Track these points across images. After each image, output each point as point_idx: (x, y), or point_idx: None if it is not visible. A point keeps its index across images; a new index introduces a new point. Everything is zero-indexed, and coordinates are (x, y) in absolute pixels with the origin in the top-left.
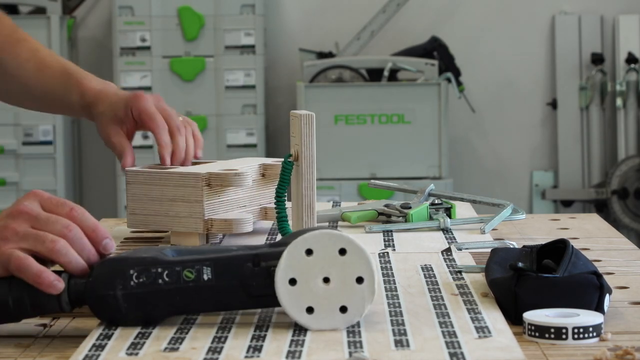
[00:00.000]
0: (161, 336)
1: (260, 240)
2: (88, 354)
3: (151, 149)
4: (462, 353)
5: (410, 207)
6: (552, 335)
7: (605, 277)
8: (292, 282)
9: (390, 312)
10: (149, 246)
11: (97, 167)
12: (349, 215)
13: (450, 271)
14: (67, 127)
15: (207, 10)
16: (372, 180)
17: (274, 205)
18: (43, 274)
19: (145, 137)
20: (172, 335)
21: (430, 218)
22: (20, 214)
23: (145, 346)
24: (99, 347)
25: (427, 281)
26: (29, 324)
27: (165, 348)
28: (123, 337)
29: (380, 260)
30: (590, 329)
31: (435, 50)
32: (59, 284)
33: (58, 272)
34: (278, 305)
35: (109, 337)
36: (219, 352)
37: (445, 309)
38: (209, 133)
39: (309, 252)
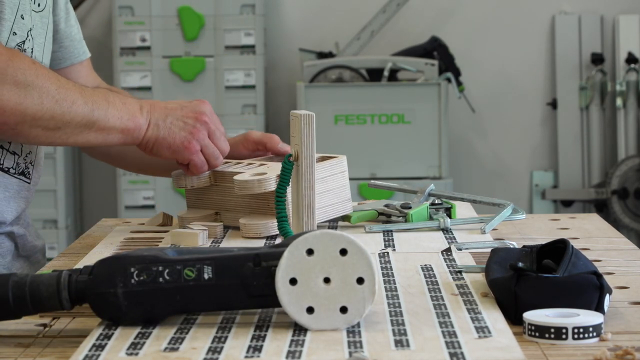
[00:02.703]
0: (161, 336)
1: (259, 242)
2: (88, 354)
3: None
4: (462, 353)
5: (410, 207)
6: (552, 335)
7: (605, 277)
8: (293, 282)
9: (390, 312)
10: (149, 246)
11: (97, 167)
12: (349, 215)
13: (450, 271)
14: None
15: (207, 10)
16: (372, 180)
17: (275, 205)
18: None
19: None
20: (172, 335)
21: (430, 218)
22: (203, 123)
23: (145, 346)
24: (99, 347)
25: (427, 281)
26: (29, 324)
27: (165, 348)
28: (123, 337)
29: (380, 260)
30: (590, 329)
31: (435, 50)
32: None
33: (59, 272)
34: (278, 305)
35: (109, 337)
36: (219, 352)
37: (445, 309)
38: None
39: (310, 252)
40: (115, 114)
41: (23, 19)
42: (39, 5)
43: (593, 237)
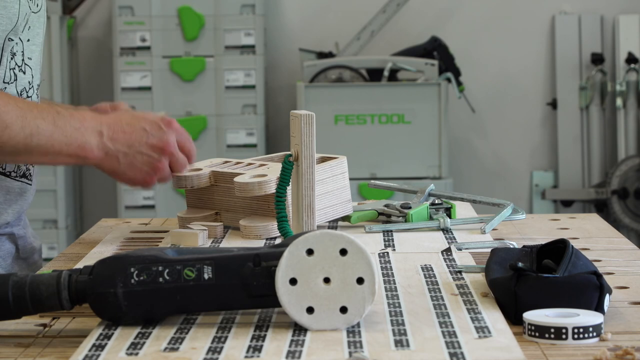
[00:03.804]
0: (161, 336)
1: (259, 242)
2: (88, 354)
3: None
4: (462, 353)
5: (410, 207)
6: (552, 335)
7: (605, 277)
8: (293, 282)
9: (390, 312)
10: (149, 246)
11: None
12: (349, 215)
13: (450, 271)
14: None
15: (207, 10)
16: (372, 181)
17: (274, 205)
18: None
19: None
20: (172, 335)
21: (430, 218)
22: (167, 154)
23: (145, 346)
24: (99, 347)
25: (427, 281)
26: (29, 324)
27: (165, 348)
28: (123, 337)
29: (380, 260)
30: (590, 329)
31: (435, 50)
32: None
33: (59, 272)
34: (278, 305)
35: (108, 337)
36: (219, 352)
37: (445, 309)
38: (209, 133)
39: (310, 252)
40: (62, 140)
41: (21, 25)
42: (37, 5)
43: (593, 237)
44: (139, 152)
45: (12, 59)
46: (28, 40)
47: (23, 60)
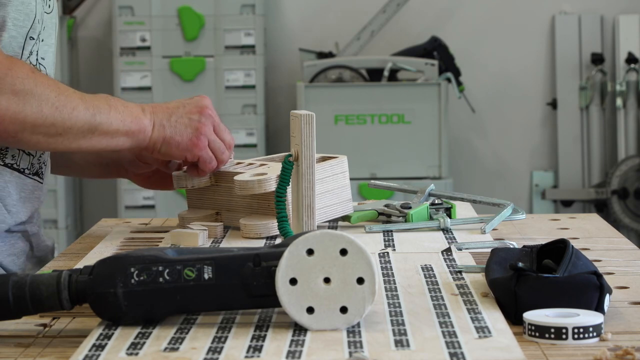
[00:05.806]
0: (161, 336)
1: (259, 242)
2: (88, 354)
3: None
4: (462, 353)
5: (410, 207)
6: (552, 335)
7: (605, 277)
8: (293, 282)
9: (390, 312)
10: (149, 246)
11: None
12: (349, 215)
13: (450, 271)
14: None
15: (207, 10)
16: (372, 181)
17: (275, 205)
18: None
19: None
20: (172, 335)
21: (431, 218)
22: (208, 116)
23: (145, 346)
24: (99, 347)
25: (427, 281)
26: (29, 324)
27: (165, 348)
28: (123, 337)
29: (380, 260)
30: (590, 329)
31: (435, 50)
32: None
33: (59, 272)
34: (278, 305)
35: (109, 337)
36: (219, 352)
37: (445, 309)
38: None
39: (310, 252)
40: (118, 117)
41: (39, 23)
42: (49, 6)
43: (593, 237)
44: (180, 117)
45: (28, 57)
46: (42, 40)
47: (37, 60)
